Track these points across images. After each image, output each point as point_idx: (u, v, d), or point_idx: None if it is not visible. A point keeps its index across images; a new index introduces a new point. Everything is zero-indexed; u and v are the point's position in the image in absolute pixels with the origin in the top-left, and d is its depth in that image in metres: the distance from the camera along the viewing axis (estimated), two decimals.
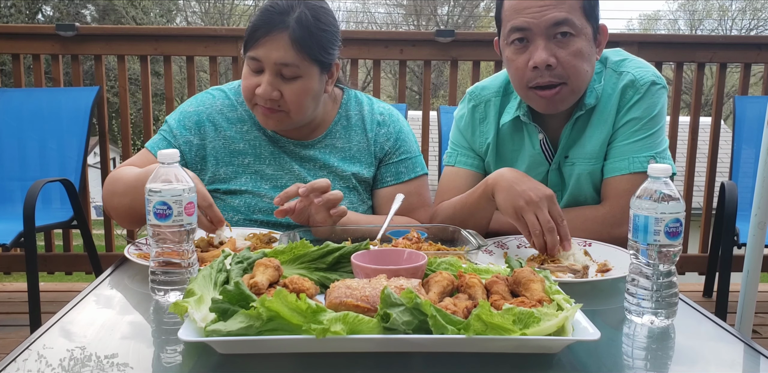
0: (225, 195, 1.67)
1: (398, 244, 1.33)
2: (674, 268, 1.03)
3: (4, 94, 3.15)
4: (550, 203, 1.34)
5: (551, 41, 1.50)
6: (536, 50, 1.51)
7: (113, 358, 0.90)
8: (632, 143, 1.60)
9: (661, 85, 1.61)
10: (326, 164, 1.70)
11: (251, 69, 1.56)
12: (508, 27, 1.54)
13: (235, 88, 1.74)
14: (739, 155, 3.09)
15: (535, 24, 1.49)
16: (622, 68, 1.63)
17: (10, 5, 17.05)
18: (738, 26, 24.38)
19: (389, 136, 1.74)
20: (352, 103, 1.77)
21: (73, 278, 3.87)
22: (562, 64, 1.51)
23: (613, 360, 0.93)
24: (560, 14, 1.48)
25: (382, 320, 0.87)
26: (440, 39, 3.19)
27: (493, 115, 1.72)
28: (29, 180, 2.64)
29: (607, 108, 1.62)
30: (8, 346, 2.55)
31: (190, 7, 23.72)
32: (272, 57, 1.51)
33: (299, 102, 1.56)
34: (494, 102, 1.73)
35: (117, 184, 1.54)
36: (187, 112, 1.69)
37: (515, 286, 1.02)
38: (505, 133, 1.72)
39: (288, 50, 1.51)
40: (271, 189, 1.66)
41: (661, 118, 1.62)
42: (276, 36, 1.51)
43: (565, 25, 1.49)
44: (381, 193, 1.75)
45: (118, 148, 5.69)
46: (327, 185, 1.40)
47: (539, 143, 1.67)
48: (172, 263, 1.10)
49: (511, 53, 1.56)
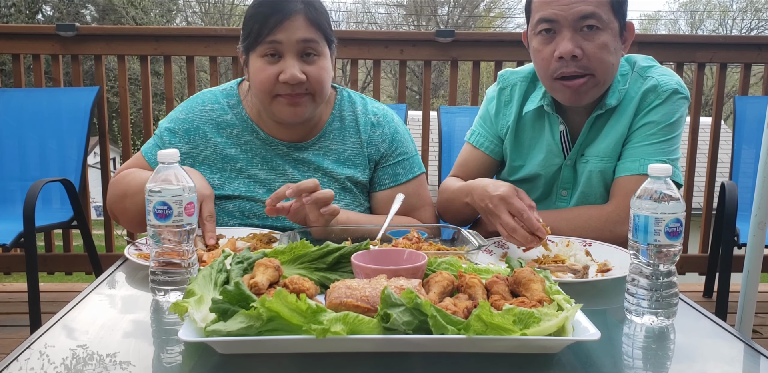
0: (219, 200, 1.65)
1: (398, 244, 1.34)
2: (674, 268, 1.03)
3: (4, 94, 3.15)
4: (505, 204, 1.38)
5: (578, 33, 1.54)
6: (562, 41, 1.54)
7: (114, 358, 0.90)
8: (646, 146, 1.61)
9: (683, 96, 1.63)
10: (320, 167, 1.68)
11: (269, 55, 1.54)
12: (536, 18, 1.57)
13: (227, 89, 1.72)
14: (740, 155, 3.08)
15: (562, 16, 1.53)
16: (647, 74, 1.65)
17: (10, 5, 17.05)
18: (738, 26, 24.38)
19: (384, 137, 1.72)
20: (345, 103, 1.74)
21: (73, 278, 3.86)
22: (587, 55, 1.54)
23: (613, 360, 0.93)
24: (588, 7, 1.52)
25: (382, 320, 0.87)
26: (440, 39, 3.19)
27: (517, 98, 1.76)
28: (29, 180, 2.65)
29: (627, 110, 1.63)
30: (8, 346, 2.55)
31: (190, 7, 23.73)
32: (295, 36, 1.52)
33: (322, 82, 1.57)
34: (520, 87, 1.76)
35: (130, 185, 1.54)
36: (177, 120, 1.68)
37: (515, 286, 1.02)
38: (527, 121, 1.74)
39: (308, 29, 1.54)
40: (265, 193, 1.65)
41: (678, 126, 1.63)
42: (294, 17, 1.53)
43: (592, 19, 1.52)
44: (379, 196, 1.73)
45: (118, 148, 5.69)
46: (315, 185, 1.40)
47: (559, 134, 1.69)
48: (172, 263, 1.10)
49: (538, 44, 1.59)
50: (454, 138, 2.70)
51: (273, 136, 1.67)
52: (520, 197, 1.39)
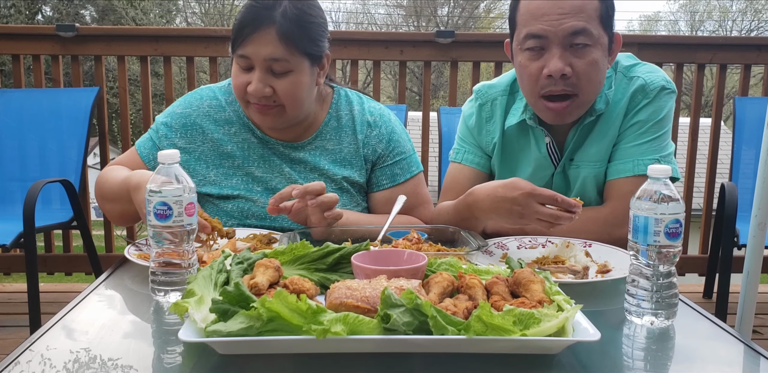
0: (218, 200, 1.65)
1: (398, 245, 1.33)
2: (674, 269, 1.03)
3: (4, 95, 3.15)
4: (533, 198, 1.33)
5: (567, 50, 1.49)
6: (552, 58, 1.49)
7: (114, 358, 0.90)
8: (637, 146, 1.60)
9: (670, 90, 1.61)
10: (316, 167, 1.67)
11: (241, 67, 1.54)
12: (524, 33, 1.51)
13: (225, 86, 1.72)
14: (739, 156, 3.08)
15: (552, 32, 1.47)
16: (632, 73, 1.63)
17: (9, 6, 17.05)
18: (738, 27, 24.39)
19: (381, 138, 1.71)
20: (342, 102, 1.73)
21: (72, 278, 3.86)
22: (576, 74, 1.49)
23: (613, 361, 0.93)
24: (579, 23, 1.46)
25: (382, 320, 0.87)
26: (440, 40, 3.19)
27: (499, 114, 1.72)
28: (29, 181, 2.65)
29: (616, 112, 1.61)
30: (8, 347, 2.55)
31: (189, 7, 23.72)
32: (261, 53, 1.49)
33: (293, 96, 1.54)
34: (500, 101, 1.72)
35: (104, 190, 1.57)
36: (175, 114, 1.68)
37: (515, 287, 1.02)
38: (511, 135, 1.71)
39: (277, 45, 1.49)
40: (264, 192, 1.65)
41: (667, 122, 1.62)
42: (263, 32, 1.49)
43: (583, 35, 1.47)
44: (378, 196, 1.73)
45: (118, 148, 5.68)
46: (321, 188, 1.40)
47: (545, 147, 1.66)
48: (172, 263, 1.10)
49: (524, 59, 1.54)
50: (454, 139, 2.69)
51: (269, 135, 1.67)
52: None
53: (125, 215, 1.56)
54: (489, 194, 1.40)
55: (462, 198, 1.50)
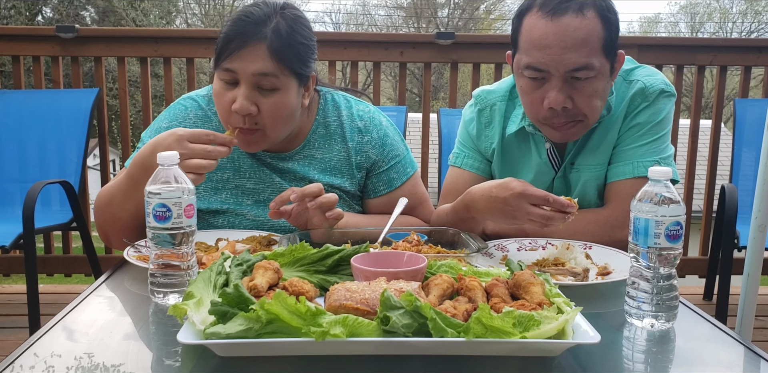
0: (207, 215, 1.61)
1: (398, 246, 1.33)
2: (674, 271, 1.03)
3: (4, 96, 3.15)
4: (525, 198, 1.33)
5: (568, 82, 1.46)
6: (552, 90, 1.47)
7: (113, 360, 0.90)
8: (637, 148, 1.59)
9: (669, 93, 1.61)
10: (305, 177, 1.63)
11: (224, 82, 1.47)
12: (525, 61, 1.48)
13: (208, 95, 1.65)
14: (740, 158, 3.08)
15: (553, 67, 1.44)
16: (632, 77, 1.62)
17: (10, 7, 17.06)
18: (739, 29, 24.41)
19: (374, 143, 1.66)
20: (329, 108, 1.67)
21: (72, 280, 3.85)
22: (577, 105, 1.48)
23: (614, 363, 0.93)
24: (580, 59, 1.43)
25: (381, 322, 0.87)
26: (440, 41, 3.19)
27: (498, 119, 1.71)
28: (29, 182, 2.64)
29: (615, 115, 1.61)
30: (7, 348, 2.54)
31: (189, 8, 23.74)
32: (249, 69, 1.43)
33: (277, 116, 1.48)
34: (499, 106, 1.71)
35: (114, 196, 1.46)
36: (161, 129, 1.59)
37: (515, 289, 1.02)
38: (511, 141, 1.70)
39: (267, 61, 1.43)
40: (254, 205, 1.61)
41: (666, 124, 1.62)
42: (253, 47, 1.43)
43: (585, 70, 1.44)
44: (375, 202, 1.70)
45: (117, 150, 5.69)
46: (319, 190, 1.40)
47: (546, 152, 1.66)
48: (171, 265, 1.09)
49: (525, 85, 1.52)
50: (454, 140, 2.68)
51: None
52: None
53: (139, 214, 1.41)
54: (483, 194, 1.41)
55: (460, 198, 1.50)
